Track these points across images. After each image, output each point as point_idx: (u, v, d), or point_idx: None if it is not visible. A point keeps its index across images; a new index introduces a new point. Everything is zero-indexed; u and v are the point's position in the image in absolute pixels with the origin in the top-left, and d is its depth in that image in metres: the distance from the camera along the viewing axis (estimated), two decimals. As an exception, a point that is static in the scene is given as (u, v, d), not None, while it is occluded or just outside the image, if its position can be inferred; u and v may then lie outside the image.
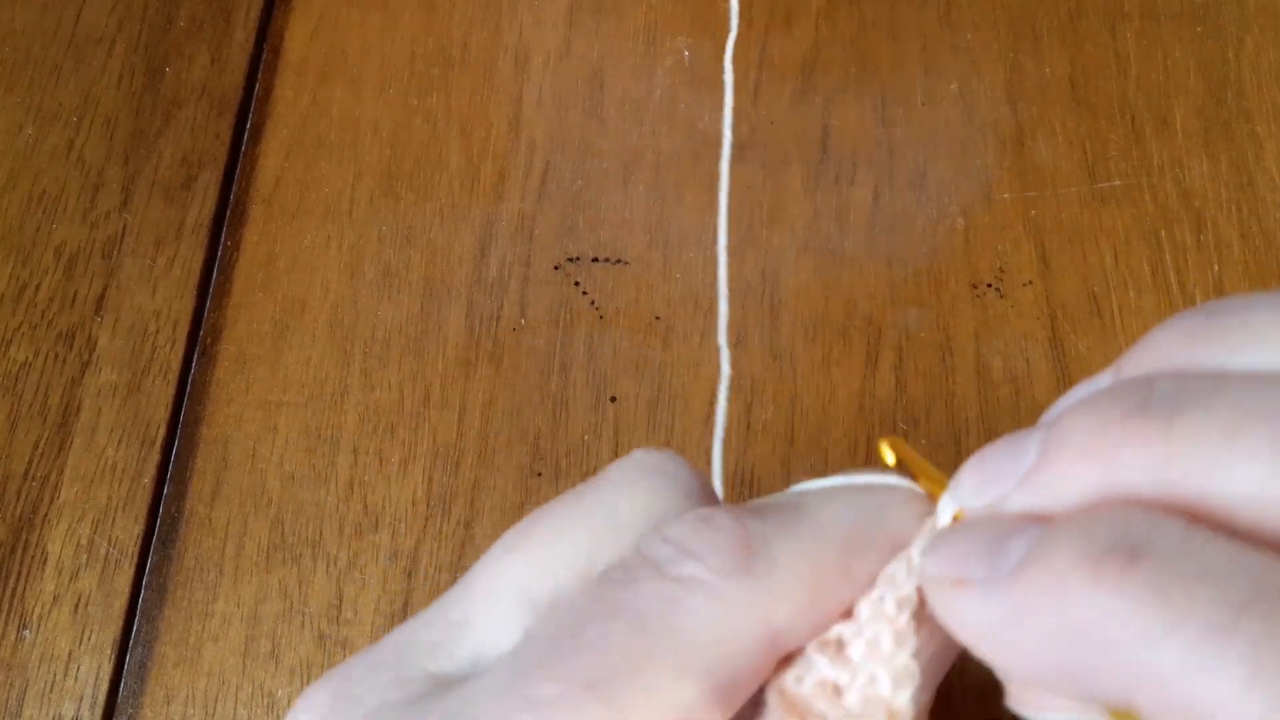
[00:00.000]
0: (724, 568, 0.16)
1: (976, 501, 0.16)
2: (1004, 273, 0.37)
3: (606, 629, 0.16)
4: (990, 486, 0.16)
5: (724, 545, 0.16)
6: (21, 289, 0.38)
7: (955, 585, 0.15)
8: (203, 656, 0.33)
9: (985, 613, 0.15)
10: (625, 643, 0.16)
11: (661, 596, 0.16)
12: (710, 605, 0.16)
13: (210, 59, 0.42)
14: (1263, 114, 0.40)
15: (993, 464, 0.16)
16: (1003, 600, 0.14)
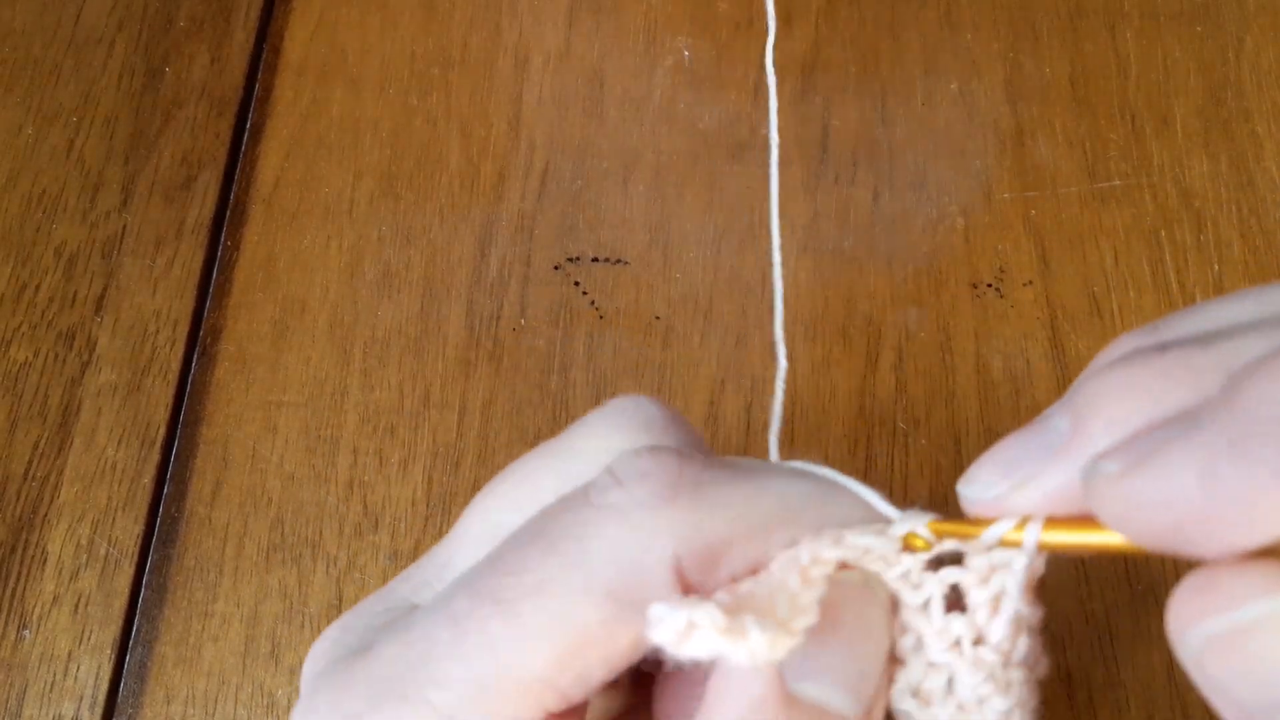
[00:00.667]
0: (644, 497, 0.17)
1: (1000, 486, 0.17)
2: (1004, 273, 0.37)
3: (523, 552, 0.17)
4: (1014, 470, 0.17)
5: (652, 476, 0.17)
6: (21, 289, 0.38)
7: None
8: (203, 656, 0.33)
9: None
10: (536, 564, 0.17)
11: (579, 521, 0.17)
12: (620, 531, 0.17)
13: (210, 59, 0.42)
14: (1263, 114, 0.40)
15: (1012, 452, 0.17)
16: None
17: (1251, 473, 0.13)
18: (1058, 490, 0.17)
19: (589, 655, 0.17)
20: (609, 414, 0.20)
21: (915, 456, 0.34)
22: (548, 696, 0.17)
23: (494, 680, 0.17)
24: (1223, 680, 0.14)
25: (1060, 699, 0.32)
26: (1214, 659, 0.14)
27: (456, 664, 0.17)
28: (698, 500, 0.17)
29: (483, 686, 0.17)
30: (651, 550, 0.17)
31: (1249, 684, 0.14)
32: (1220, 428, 0.14)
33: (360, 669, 0.18)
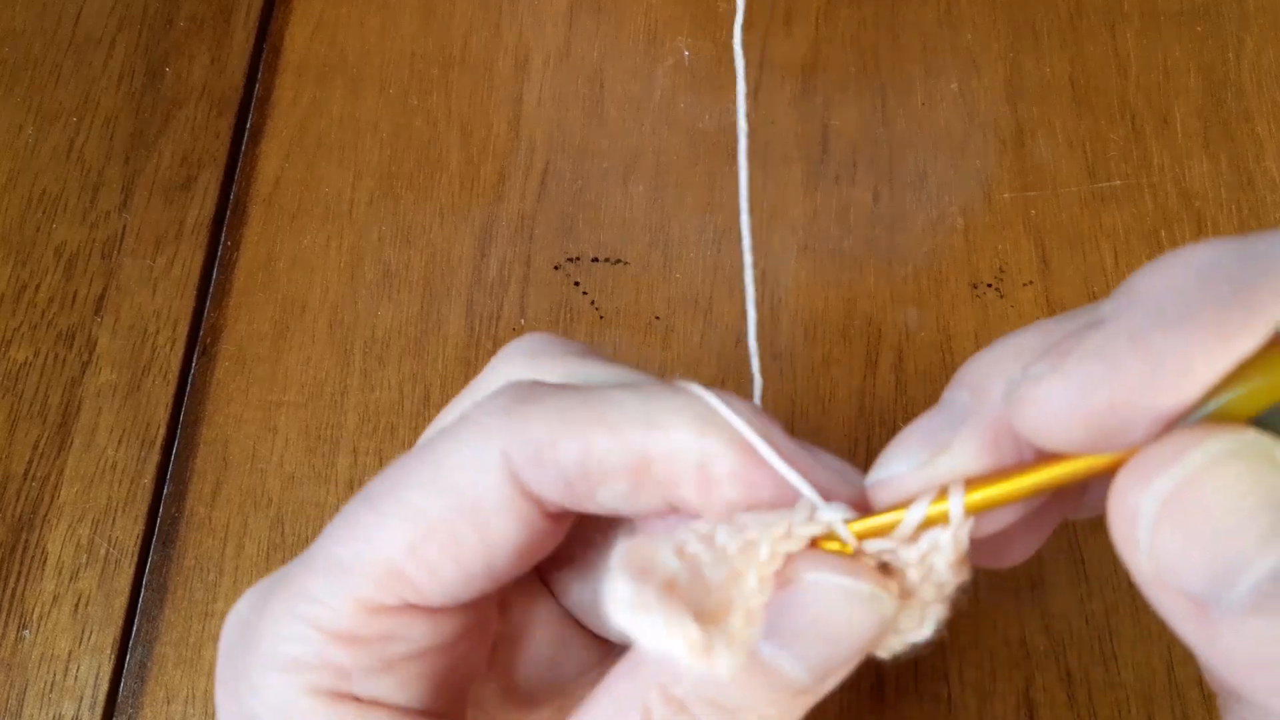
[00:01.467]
0: (489, 410, 0.19)
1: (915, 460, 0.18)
2: (1004, 273, 0.37)
3: (399, 463, 0.20)
4: (925, 446, 0.18)
5: (503, 395, 0.19)
6: (21, 289, 0.38)
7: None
8: (203, 656, 0.33)
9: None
10: (402, 469, 0.19)
11: (442, 435, 0.19)
12: (464, 436, 0.19)
13: (210, 59, 0.42)
14: (1263, 114, 0.40)
15: (919, 431, 0.18)
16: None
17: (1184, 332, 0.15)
18: (973, 453, 0.17)
19: (435, 545, 0.19)
20: (504, 352, 0.23)
21: (915, 456, 0.34)
22: (399, 583, 0.19)
23: (353, 561, 0.19)
24: (1176, 557, 0.15)
25: (1060, 699, 0.32)
26: (1167, 526, 0.15)
27: (326, 550, 0.20)
28: (529, 407, 0.19)
29: (344, 567, 0.19)
30: (485, 449, 0.19)
31: (1200, 556, 0.15)
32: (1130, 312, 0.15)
33: (271, 575, 0.21)
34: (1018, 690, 0.32)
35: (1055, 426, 0.16)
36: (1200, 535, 0.15)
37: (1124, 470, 0.16)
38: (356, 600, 0.19)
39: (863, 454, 0.35)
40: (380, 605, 0.19)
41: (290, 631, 0.19)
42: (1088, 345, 0.15)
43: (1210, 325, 0.15)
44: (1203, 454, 0.15)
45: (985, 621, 0.33)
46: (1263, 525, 0.14)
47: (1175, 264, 0.16)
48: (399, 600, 0.19)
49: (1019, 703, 0.32)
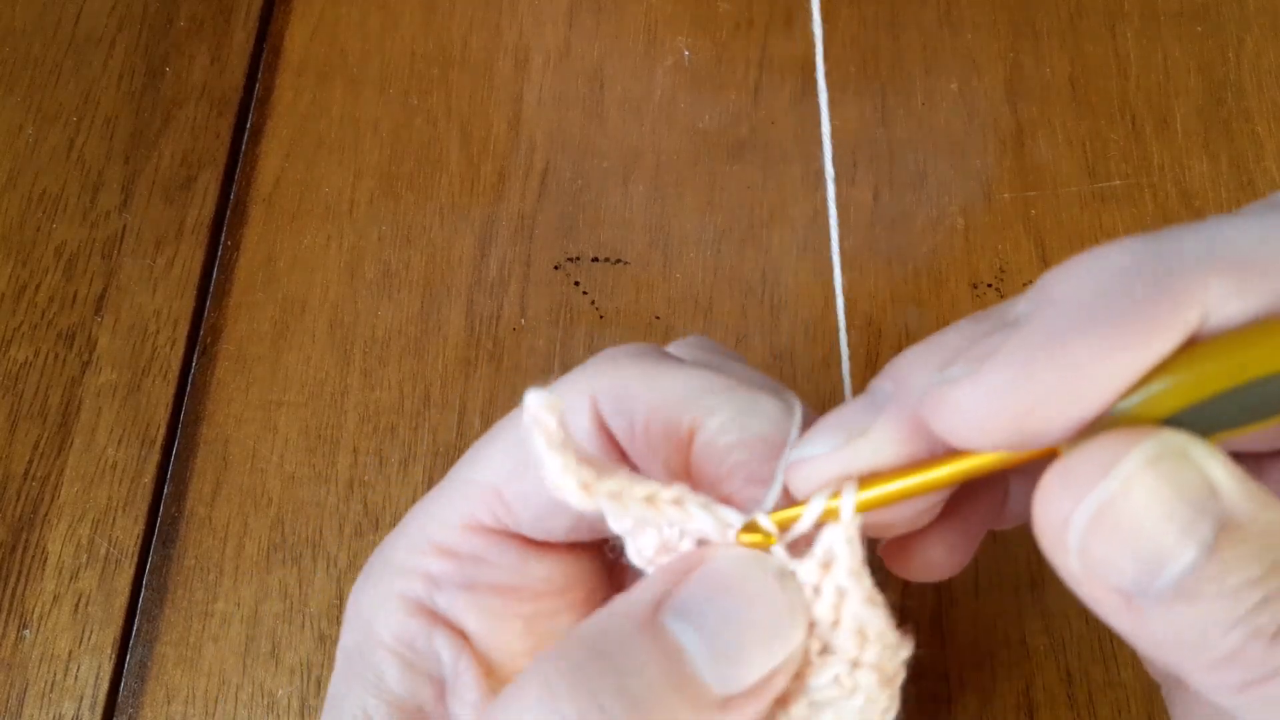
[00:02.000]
0: (594, 359, 0.22)
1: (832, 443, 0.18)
2: (1004, 272, 0.37)
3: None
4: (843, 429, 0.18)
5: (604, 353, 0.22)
6: (21, 289, 0.38)
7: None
8: (203, 656, 0.33)
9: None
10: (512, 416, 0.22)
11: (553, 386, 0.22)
12: (568, 377, 0.22)
13: (210, 59, 0.42)
14: (1263, 114, 0.40)
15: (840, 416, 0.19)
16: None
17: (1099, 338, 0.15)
18: (890, 440, 0.18)
19: (530, 475, 0.20)
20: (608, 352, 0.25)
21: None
22: (495, 503, 0.22)
23: (464, 483, 0.22)
24: (1105, 559, 0.16)
25: (1060, 699, 0.32)
26: (1097, 537, 0.15)
27: (451, 477, 0.23)
28: (625, 366, 0.21)
29: (458, 489, 0.22)
30: (577, 389, 0.21)
31: (1127, 557, 0.15)
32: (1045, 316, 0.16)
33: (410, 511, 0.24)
34: (1018, 690, 0.32)
35: (970, 429, 0.16)
36: (1127, 539, 0.15)
37: (1049, 481, 0.16)
38: (462, 516, 0.22)
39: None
40: (480, 524, 0.22)
41: (406, 542, 0.23)
42: (1003, 350, 0.16)
43: (1125, 330, 0.15)
44: (1126, 466, 0.15)
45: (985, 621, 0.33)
46: (1180, 521, 0.15)
47: (1090, 265, 0.16)
48: (497, 522, 0.22)
49: (1019, 703, 0.32)
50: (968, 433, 0.16)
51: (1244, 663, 0.15)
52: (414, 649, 0.22)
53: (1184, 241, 0.16)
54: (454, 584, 0.22)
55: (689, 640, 0.17)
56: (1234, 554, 0.15)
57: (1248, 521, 0.15)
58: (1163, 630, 0.16)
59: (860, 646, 0.19)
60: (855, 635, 0.19)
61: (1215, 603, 0.15)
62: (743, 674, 0.18)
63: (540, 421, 0.18)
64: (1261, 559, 0.15)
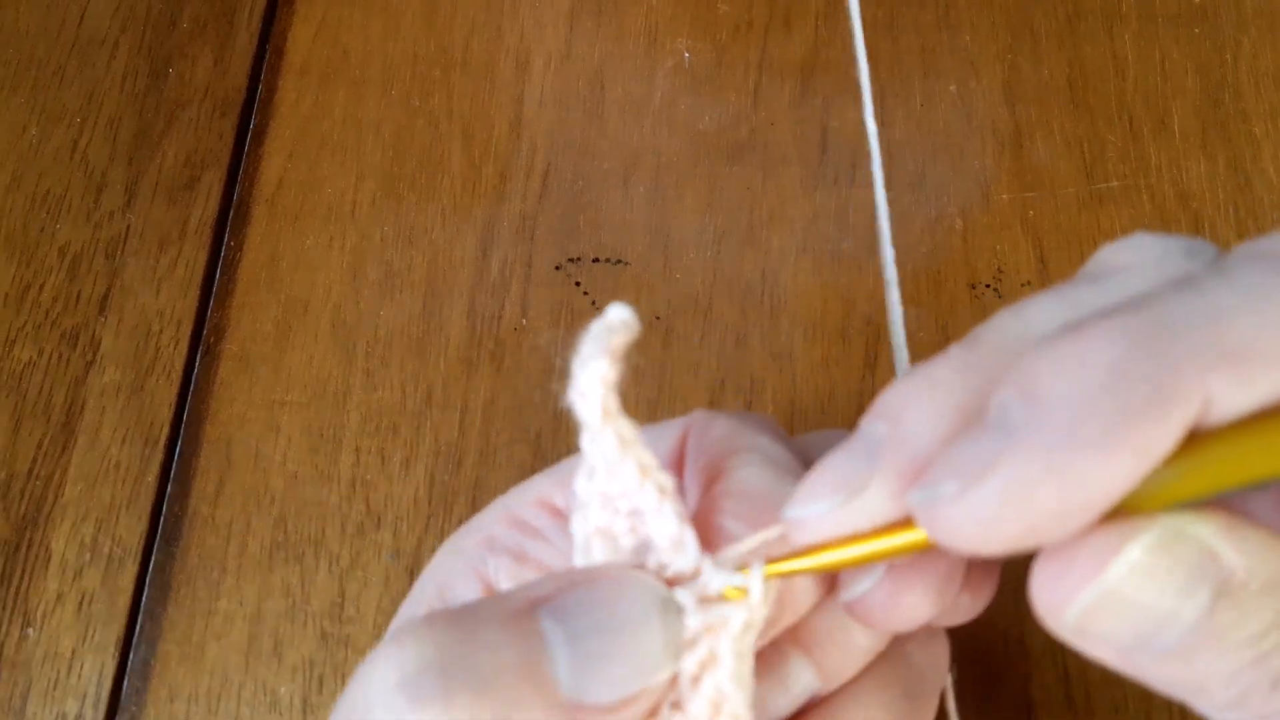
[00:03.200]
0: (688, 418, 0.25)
1: (831, 501, 0.18)
2: (1002, 273, 0.38)
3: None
4: (843, 484, 0.18)
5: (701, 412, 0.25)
6: (25, 289, 0.38)
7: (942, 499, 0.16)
8: (206, 655, 0.33)
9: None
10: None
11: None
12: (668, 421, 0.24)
13: (213, 60, 0.42)
14: (1260, 115, 0.40)
15: (836, 468, 0.18)
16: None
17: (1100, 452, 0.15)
18: (889, 496, 0.17)
19: None
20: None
21: (914, 456, 0.35)
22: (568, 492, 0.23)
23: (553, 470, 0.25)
24: (1103, 633, 0.16)
25: (1059, 698, 0.32)
26: (1092, 623, 0.16)
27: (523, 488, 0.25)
28: (709, 425, 0.24)
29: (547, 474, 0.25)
30: (675, 425, 0.24)
31: (1125, 629, 0.16)
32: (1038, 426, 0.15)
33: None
34: (1016, 689, 0.32)
35: (967, 543, 0.16)
36: (1125, 616, 0.15)
37: (1045, 570, 0.16)
38: (540, 493, 0.24)
39: (862, 453, 0.35)
40: (552, 503, 0.24)
41: (491, 515, 0.25)
42: (1001, 467, 0.15)
43: (1123, 438, 0.15)
44: (1126, 558, 0.15)
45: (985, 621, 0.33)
46: (1177, 589, 0.15)
47: (1082, 359, 0.15)
48: (566, 504, 0.23)
49: (1017, 702, 0.32)
50: (965, 546, 0.16)
51: (1247, 708, 0.15)
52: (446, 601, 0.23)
53: (1180, 330, 0.15)
54: (507, 550, 0.23)
55: (553, 637, 0.17)
56: (1232, 616, 0.15)
57: (1249, 579, 0.15)
58: (1163, 682, 0.16)
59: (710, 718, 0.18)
60: (710, 705, 0.18)
61: (1214, 660, 0.15)
62: (596, 688, 0.17)
63: (611, 329, 0.18)
64: (1261, 615, 0.15)
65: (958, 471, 0.16)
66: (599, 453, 0.19)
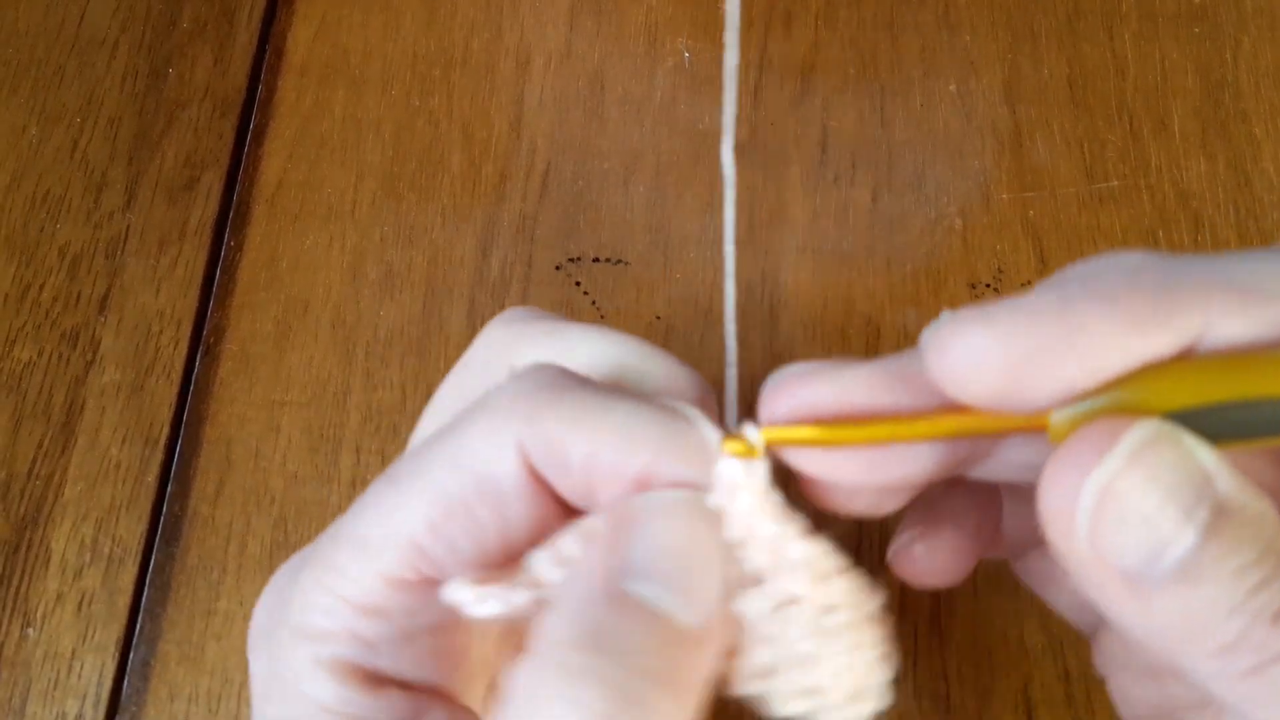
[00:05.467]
0: (511, 395, 0.20)
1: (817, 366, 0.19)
2: (1002, 273, 0.38)
3: (420, 447, 0.20)
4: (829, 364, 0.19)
5: (524, 379, 0.20)
6: (25, 289, 0.38)
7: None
8: (206, 655, 0.33)
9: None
10: (423, 451, 0.20)
11: (462, 417, 0.20)
12: (485, 420, 0.20)
13: (213, 60, 0.42)
14: (1260, 115, 0.40)
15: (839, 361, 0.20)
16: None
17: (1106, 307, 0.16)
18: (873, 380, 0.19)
19: (454, 523, 0.20)
20: (486, 327, 0.24)
21: (914, 456, 0.35)
22: (420, 558, 0.20)
23: (376, 537, 0.20)
24: (1112, 543, 0.16)
25: (1059, 698, 0.32)
26: (1104, 513, 0.16)
27: (353, 526, 0.20)
28: (547, 400, 0.19)
29: (367, 542, 0.20)
30: (502, 434, 0.19)
31: (1131, 542, 0.16)
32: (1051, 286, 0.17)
33: (297, 555, 0.22)
34: (1017, 689, 0.32)
35: (969, 372, 0.17)
36: (1133, 518, 0.16)
37: (1054, 463, 0.17)
38: (381, 574, 0.20)
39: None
40: (403, 579, 0.20)
41: (317, 602, 0.20)
42: (1015, 303, 0.17)
43: (1127, 311, 0.16)
44: (1126, 445, 0.16)
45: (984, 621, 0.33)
46: (1180, 503, 0.16)
47: (1105, 260, 0.17)
48: (419, 575, 0.20)
49: (1018, 702, 0.32)
50: (966, 375, 0.17)
51: (1248, 647, 0.16)
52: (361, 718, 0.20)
53: (1193, 262, 0.17)
54: (389, 640, 0.20)
55: (659, 597, 0.18)
56: (1230, 537, 0.16)
57: (1239, 508, 0.16)
58: (1168, 616, 0.16)
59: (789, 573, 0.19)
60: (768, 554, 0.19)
61: (1216, 585, 0.16)
62: (708, 602, 0.18)
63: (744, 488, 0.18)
64: (1255, 543, 0.16)
65: (971, 309, 0.17)
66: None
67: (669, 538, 0.18)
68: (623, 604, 0.18)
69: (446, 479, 0.20)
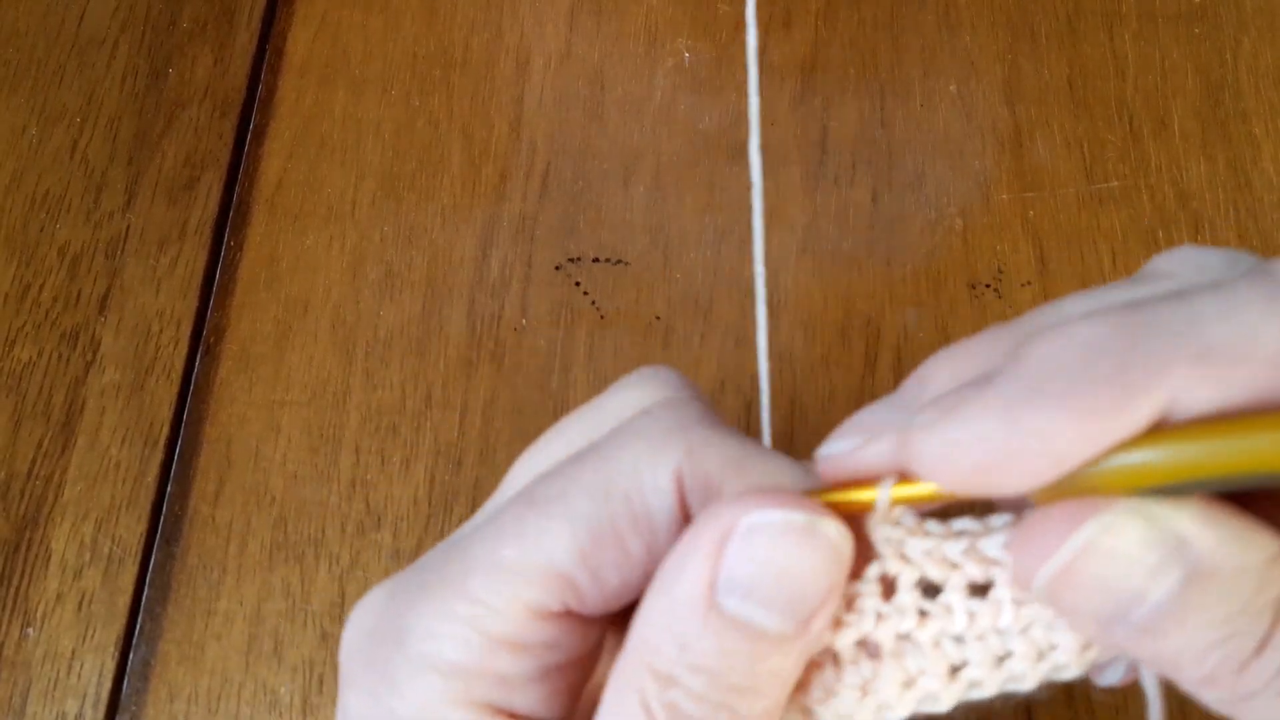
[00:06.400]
0: (663, 423, 0.19)
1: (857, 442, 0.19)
2: (1002, 273, 0.38)
3: (558, 468, 0.20)
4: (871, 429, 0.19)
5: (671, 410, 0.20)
6: (25, 289, 0.38)
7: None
8: (206, 654, 0.33)
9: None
10: (567, 474, 0.19)
11: (607, 442, 0.20)
12: (637, 446, 0.19)
13: (213, 60, 0.42)
14: (1260, 115, 0.40)
15: (870, 415, 0.19)
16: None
17: (1042, 407, 0.16)
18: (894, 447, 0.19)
19: (604, 553, 0.19)
20: (635, 378, 0.22)
21: (914, 456, 0.35)
22: (567, 590, 0.19)
23: (520, 564, 0.19)
24: (1076, 603, 0.17)
25: (1059, 698, 0.32)
26: (1063, 590, 0.17)
27: (490, 551, 0.19)
28: (705, 437, 0.19)
29: (509, 569, 0.19)
30: (661, 465, 0.19)
31: (1096, 599, 0.17)
32: (1011, 379, 0.17)
33: (411, 569, 0.20)
34: (1016, 688, 0.32)
35: (932, 473, 0.17)
36: (1095, 587, 0.16)
37: (1013, 543, 0.18)
38: (524, 604, 0.19)
39: (862, 453, 0.35)
40: (546, 610, 0.19)
41: (449, 632, 0.19)
42: (966, 408, 0.17)
43: (1088, 406, 0.16)
44: (1090, 528, 0.16)
45: (984, 620, 0.33)
46: (1146, 570, 0.16)
47: (1065, 335, 0.17)
48: (563, 606, 0.19)
49: (1018, 702, 0.32)
50: (931, 474, 0.17)
51: (1221, 685, 0.16)
52: None
53: (1158, 326, 0.16)
54: (529, 679, 0.19)
55: (755, 615, 0.18)
56: (1202, 599, 0.16)
57: (1219, 567, 0.16)
58: (1141, 654, 0.17)
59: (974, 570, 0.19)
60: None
61: (1184, 640, 0.16)
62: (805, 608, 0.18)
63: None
64: (1231, 601, 0.16)
65: (938, 405, 0.17)
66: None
67: (772, 555, 0.18)
68: (719, 622, 0.18)
69: (599, 506, 0.19)
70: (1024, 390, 0.16)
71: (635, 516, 0.19)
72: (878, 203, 0.39)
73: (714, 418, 0.20)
